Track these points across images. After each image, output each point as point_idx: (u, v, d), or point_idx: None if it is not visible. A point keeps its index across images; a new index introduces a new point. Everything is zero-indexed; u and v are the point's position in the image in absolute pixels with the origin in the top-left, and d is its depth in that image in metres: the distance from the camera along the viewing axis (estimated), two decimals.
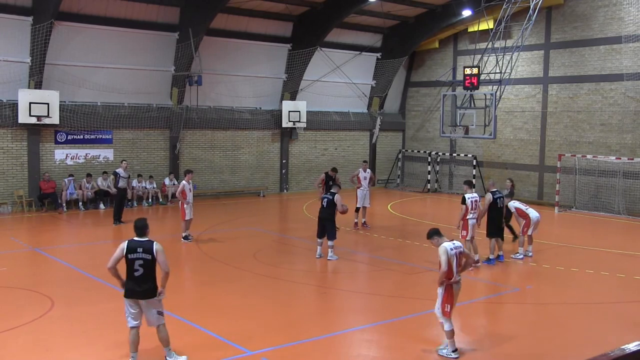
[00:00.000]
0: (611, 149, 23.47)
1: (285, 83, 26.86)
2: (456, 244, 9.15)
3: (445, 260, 8.84)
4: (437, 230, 9.30)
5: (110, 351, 8.98)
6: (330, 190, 15.13)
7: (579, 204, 23.88)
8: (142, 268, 8.15)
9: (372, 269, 14.72)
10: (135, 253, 8.17)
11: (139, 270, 8.15)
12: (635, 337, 9.02)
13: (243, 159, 26.46)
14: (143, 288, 8.19)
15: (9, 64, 20.45)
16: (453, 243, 9.12)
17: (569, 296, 12.43)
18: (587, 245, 17.17)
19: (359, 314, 11.17)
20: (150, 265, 8.17)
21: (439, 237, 9.20)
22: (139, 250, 8.17)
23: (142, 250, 8.16)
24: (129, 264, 8.19)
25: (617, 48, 23.08)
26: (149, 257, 8.16)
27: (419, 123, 30.92)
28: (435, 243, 9.20)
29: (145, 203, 23.05)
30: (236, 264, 14.43)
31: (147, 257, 8.16)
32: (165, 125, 24.06)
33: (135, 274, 8.16)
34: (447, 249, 8.94)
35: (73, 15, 21.15)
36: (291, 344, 9.35)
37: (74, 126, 21.82)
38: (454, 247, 9.05)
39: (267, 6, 24.37)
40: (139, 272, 8.15)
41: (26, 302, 11.31)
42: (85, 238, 17.81)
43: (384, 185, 30.93)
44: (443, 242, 9.09)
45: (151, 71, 23.40)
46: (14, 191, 21.06)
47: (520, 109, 26.46)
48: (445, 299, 8.90)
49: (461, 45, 28.75)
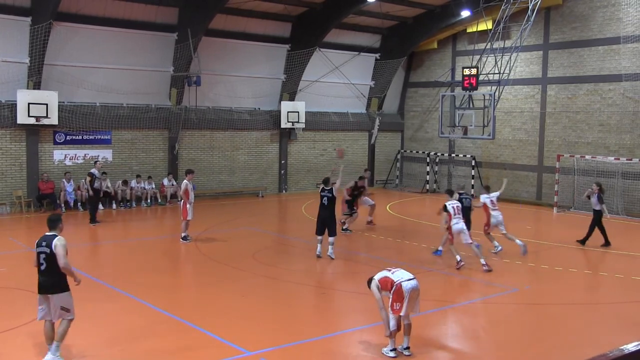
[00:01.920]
0: (610, 149, 23.50)
1: (284, 83, 26.86)
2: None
3: None
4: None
5: (109, 351, 8.98)
6: (323, 187, 15.04)
7: (577, 204, 23.88)
8: (45, 262, 8.26)
9: (372, 269, 14.69)
10: (40, 247, 8.31)
11: (43, 264, 8.27)
12: (634, 337, 9.03)
13: (242, 160, 26.46)
14: (47, 282, 8.27)
15: (7, 65, 20.43)
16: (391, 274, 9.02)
17: (568, 296, 12.45)
18: (586, 245, 17.18)
19: (359, 314, 11.16)
20: (51, 259, 8.21)
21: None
22: (43, 244, 8.28)
23: (45, 244, 8.26)
24: (37, 258, 8.33)
25: (616, 49, 23.10)
26: (48, 250, 8.21)
27: (417, 123, 30.93)
28: None
29: (144, 204, 23.04)
30: (235, 265, 14.43)
31: (47, 251, 8.23)
32: (164, 125, 24.06)
33: (41, 268, 8.30)
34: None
35: (72, 15, 21.13)
36: (290, 344, 9.35)
37: (73, 127, 21.81)
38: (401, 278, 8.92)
39: (265, 7, 24.37)
40: (43, 265, 8.27)
41: (25, 302, 11.28)
42: (83, 238, 17.79)
43: (383, 185, 30.93)
44: None
45: (150, 72, 23.39)
46: (13, 191, 21.05)
47: (519, 109, 26.49)
48: (394, 297, 8.74)
49: (460, 46, 28.77)
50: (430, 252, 15.88)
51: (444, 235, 14.96)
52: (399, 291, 8.71)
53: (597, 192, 16.76)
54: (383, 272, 9.05)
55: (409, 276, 8.93)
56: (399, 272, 9.01)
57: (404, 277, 8.88)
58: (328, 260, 14.80)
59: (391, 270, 9.06)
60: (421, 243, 17.12)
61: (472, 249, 14.30)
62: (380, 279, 8.96)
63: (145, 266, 14.26)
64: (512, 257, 15.52)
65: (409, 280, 8.84)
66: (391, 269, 9.11)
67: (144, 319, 10.48)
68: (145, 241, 17.17)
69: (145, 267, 14.14)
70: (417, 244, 17.03)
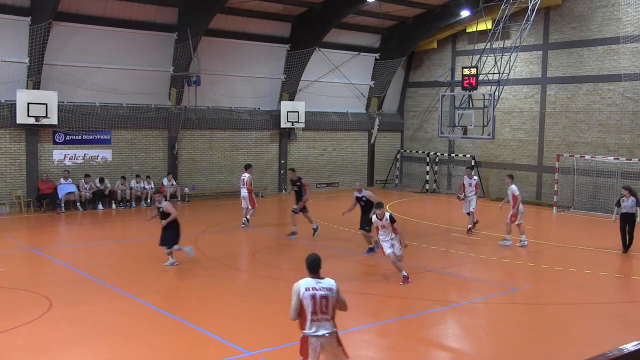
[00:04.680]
0: (609, 149, 23.50)
1: (283, 83, 26.86)
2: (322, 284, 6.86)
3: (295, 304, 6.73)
4: None
5: (109, 351, 8.98)
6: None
7: (577, 204, 23.90)
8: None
9: (372, 269, 14.72)
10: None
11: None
12: (633, 337, 9.03)
13: (241, 160, 26.41)
14: None
15: (7, 64, 20.42)
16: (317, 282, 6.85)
17: (568, 296, 12.45)
18: (586, 245, 17.19)
19: (359, 314, 11.16)
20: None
21: None
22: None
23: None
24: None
25: (615, 48, 23.11)
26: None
27: (417, 123, 30.94)
28: None
29: (144, 203, 23.03)
30: (235, 265, 14.42)
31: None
32: (164, 125, 24.05)
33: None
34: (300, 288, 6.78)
35: (71, 15, 21.12)
36: (290, 344, 9.34)
37: (73, 127, 21.80)
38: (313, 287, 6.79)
39: (265, 6, 24.36)
40: None
41: (25, 302, 11.30)
42: (83, 238, 17.79)
43: (382, 185, 30.94)
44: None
45: (150, 72, 23.39)
46: (12, 192, 21.04)
47: (518, 109, 26.49)
48: (300, 348, 6.88)
49: (460, 46, 28.77)
50: (430, 252, 15.88)
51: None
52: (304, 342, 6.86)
53: (630, 197, 15.94)
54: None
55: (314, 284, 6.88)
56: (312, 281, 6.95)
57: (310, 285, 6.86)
58: None
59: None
60: (421, 243, 17.12)
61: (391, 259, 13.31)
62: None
63: (145, 266, 14.24)
64: (512, 257, 15.53)
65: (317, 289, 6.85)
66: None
67: (143, 319, 10.48)
68: (145, 241, 17.17)
69: (145, 267, 14.13)
70: (417, 243, 17.02)
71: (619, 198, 16.54)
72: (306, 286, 6.78)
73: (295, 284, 6.78)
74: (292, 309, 6.77)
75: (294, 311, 6.76)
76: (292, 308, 6.76)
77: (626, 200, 15.95)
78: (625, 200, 15.98)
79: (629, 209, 15.92)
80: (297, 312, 6.75)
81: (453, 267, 14.33)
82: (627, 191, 16.05)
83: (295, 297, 6.72)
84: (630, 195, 15.96)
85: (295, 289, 6.77)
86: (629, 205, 15.91)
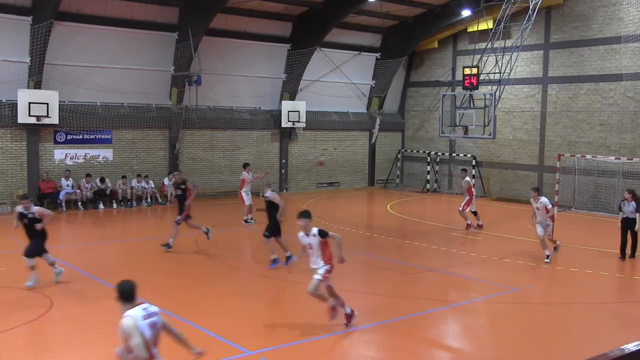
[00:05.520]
0: (610, 149, 23.48)
1: (284, 83, 26.86)
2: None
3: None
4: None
5: (109, 351, 8.97)
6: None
7: (578, 204, 23.88)
8: None
9: (372, 269, 14.71)
10: None
11: None
12: (634, 337, 9.01)
13: (242, 159, 26.39)
14: None
15: (8, 64, 20.43)
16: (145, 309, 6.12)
17: (568, 296, 12.43)
18: (587, 245, 17.17)
19: (359, 314, 11.15)
20: None
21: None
22: None
23: None
24: None
25: (617, 48, 23.08)
26: None
27: (418, 123, 30.92)
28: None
29: (145, 203, 23.04)
30: (235, 264, 14.42)
31: None
32: (165, 125, 24.06)
33: None
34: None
35: (72, 15, 21.13)
36: (291, 344, 9.35)
37: (74, 126, 21.82)
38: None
39: (266, 6, 24.36)
40: None
41: (26, 302, 11.30)
42: (84, 238, 17.79)
43: (383, 185, 30.93)
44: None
45: (150, 71, 23.40)
46: (13, 191, 21.04)
47: (519, 109, 26.47)
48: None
49: (460, 45, 28.75)
50: (431, 251, 15.87)
51: None
52: None
53: (632, 201, 15.17)
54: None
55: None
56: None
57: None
58: None
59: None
60: (422, 243, 17.11)
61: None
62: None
63: (145, 266, 14.25)
64: (512, 257, 15.52)
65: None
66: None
67: None
68: (145, 241, 17.17)
69: (145, 267, 14.13)
70: (417, 243, 17.01)
71: (620, 202, 15.91)
72: (141, 315, 5.86)
73: (127, 319, 5.89)
74: (137, 348, 5.74)
75: (142, 349, 5.78)
76: (137, 347, 5.74)
77: (627, 205, 15.19)
78: (626, 205, 15.23)
79: (629, 214, 15.15)
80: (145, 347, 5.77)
81: (454, 267, 14.32)
82: (630, 194, 15.26)
83: (135, 334, 5.76)
84: (632, 199, 15.15)
85: (130, 324, 5.83)
86: (630, 210, 15.14)
